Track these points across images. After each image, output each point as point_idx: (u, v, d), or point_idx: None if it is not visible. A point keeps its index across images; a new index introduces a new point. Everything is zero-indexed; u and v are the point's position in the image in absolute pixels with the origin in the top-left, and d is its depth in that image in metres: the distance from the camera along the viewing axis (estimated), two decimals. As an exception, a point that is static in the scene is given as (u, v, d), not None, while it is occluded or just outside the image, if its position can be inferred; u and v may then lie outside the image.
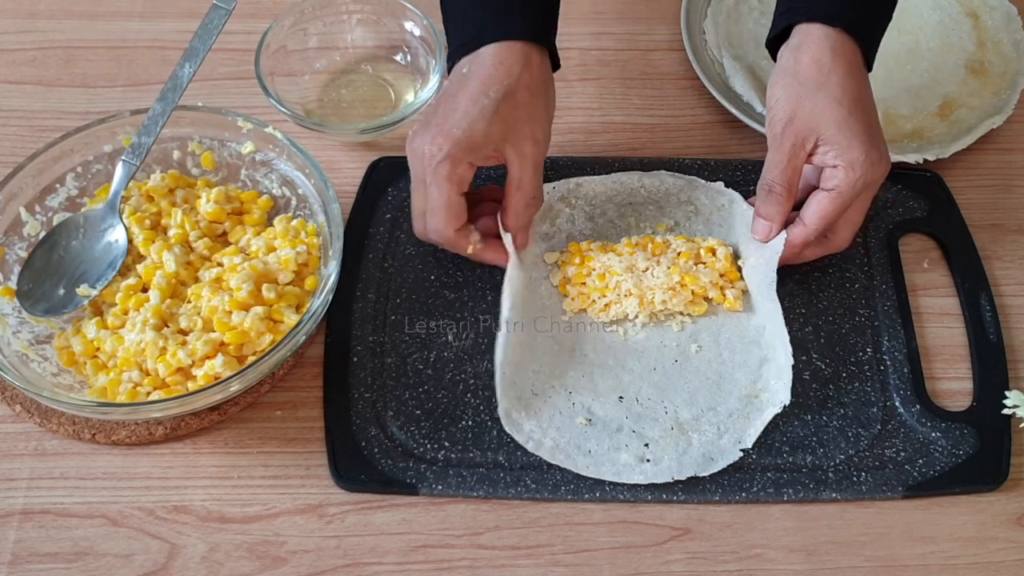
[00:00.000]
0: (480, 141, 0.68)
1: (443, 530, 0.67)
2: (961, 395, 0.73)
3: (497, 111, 0.68)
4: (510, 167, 0.70)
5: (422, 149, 0.68)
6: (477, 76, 0.68)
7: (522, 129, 0.69)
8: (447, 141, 0.67)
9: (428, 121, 0.69)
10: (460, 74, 0.69)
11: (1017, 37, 0.89)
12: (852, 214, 0.71)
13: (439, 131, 0.68)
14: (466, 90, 0.68)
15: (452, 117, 0.68)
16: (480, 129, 0.67)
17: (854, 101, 0.68)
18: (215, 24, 0.76)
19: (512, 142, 0.69)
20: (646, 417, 0.70)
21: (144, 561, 0.65)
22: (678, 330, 0.74)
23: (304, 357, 0.74)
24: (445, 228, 0.70)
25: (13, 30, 0.92)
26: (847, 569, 0.66)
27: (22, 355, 0.70)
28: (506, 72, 0.68)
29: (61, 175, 0.77)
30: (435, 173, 0.68)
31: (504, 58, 0.68)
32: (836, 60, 0.68)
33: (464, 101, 0.68)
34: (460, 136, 0.67)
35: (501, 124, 0.68)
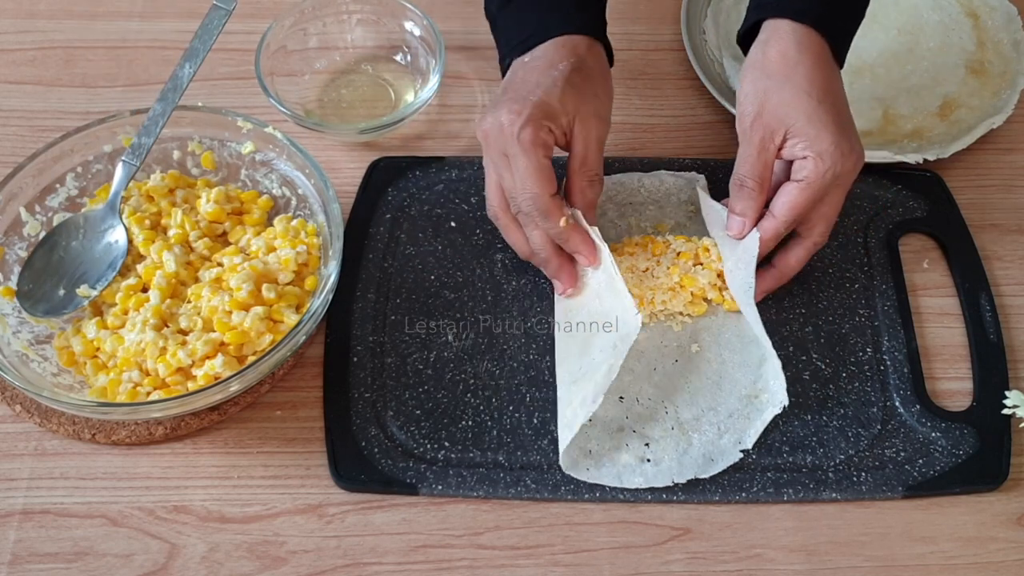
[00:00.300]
0: (557, 107, 0.67)
1: (443, 530, 0.67)
2: (961, 395, 0.73)
3: (568, 81, 0.68)
4: (575, 144, 0.69)
5: (499, 121, 0.66)
6: (542, 59, 0.69)
7: (589, 104, 0.69)
8: (525, 106, 0.66)
9: (496, 102, 0.68)
10: (521, 63, 0.70)
11: (1017, 37, 0.89)
12: (825, 208, 0.70)
13: (514, 100, 0.67)
14: (534, 69, 0.68)
15: (525, 87, 0.67)
16: (556, 95, 0.67)
17: (823, 92, 0.68)
18: (215, 24, 0.76)
19: (581, 116, 0.68)
20: (647, 417, 0.70)
21: (144, 561, 0.65)
22: (678, 330, 0.74)
23: (304, 357, 0.74)
24: (541, 193, 0.67)
25: (13, 30, 0.92)
26: (847, 569, 0.66)
27: (22, 355, 0.70)
28: (571, 51, 0.69)
29: (61, 175, 0.77)
30: (519, 140, 0.66)
31: (567, 43, 0.69)
32: (803, 53, 0.68)
33: (534, 74, 0.68)
34: (537, 100, 0.66)
35: (574, 94, 0.68)
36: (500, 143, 0.67)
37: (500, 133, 0.66)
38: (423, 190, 0.80)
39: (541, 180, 0.67)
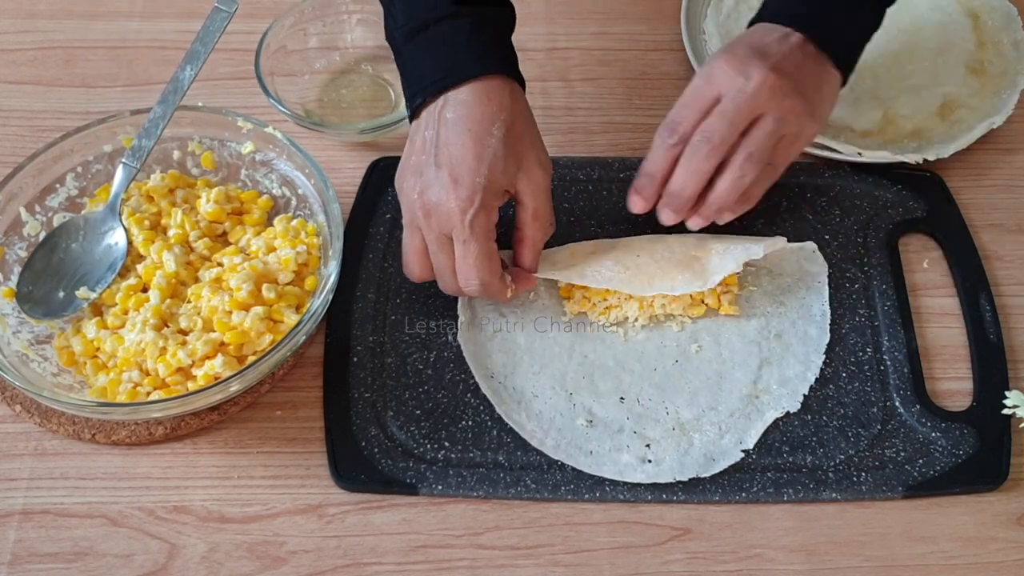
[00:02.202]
0: (502, 182, 0.66)
1: (443, 530, 0.67)
2: (961, 395, 0.73)
3: (505, 146, 0.66)
4: (523, 199, 0.68)
5: (446, 204, 0.65)
6: (468, 116, 0.66)
7: (529, 158, 0.68)
8: (475, 192, 0.65)
9: (432, 178, 0.66)
10: (440, 117, 0.66)
11: (1017, 37, 0.89)
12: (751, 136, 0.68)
13: (461, 185, 0.65)
14: (464, 132, 0.65)
15: (464, 163, 0.65)
16: (499, 170, 0.66)
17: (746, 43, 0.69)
18: (217, 26, 0.76)
19: (523, 171, 0.67)
20: (647, 418, 0.70)
21: (144, 561, 0.65)
22: (678, 330, 0.74)
23: (304, 357, 0.74)
24: (491, 278, 0.67)
25: (13, 30, 0.92)
26: (847, 569, 0.66)
27: (22, 355, 0.70)
28: (499, 106, 0.66)
29: (61, 175, 0.77)
30: (472, 227, 0.65)
31: (490, 93, 0.66)
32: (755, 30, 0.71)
33: (470, 146, 0.65)
34: (485, 183, 0.65)
35: (513, 159, 0.67)
36: (445, 225, 0.66)
37: (448, 217, 0.65)
38: (423, 190, 0.80)
39: (492, 267, 0.67)
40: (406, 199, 0.68)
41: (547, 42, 0.92)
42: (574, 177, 0.81)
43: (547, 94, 0.88)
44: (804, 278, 0.76)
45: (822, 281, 0.76)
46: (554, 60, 0.91)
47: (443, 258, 0.68)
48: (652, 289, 0.72)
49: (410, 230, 0.69)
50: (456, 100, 0.66)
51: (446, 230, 0.66)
